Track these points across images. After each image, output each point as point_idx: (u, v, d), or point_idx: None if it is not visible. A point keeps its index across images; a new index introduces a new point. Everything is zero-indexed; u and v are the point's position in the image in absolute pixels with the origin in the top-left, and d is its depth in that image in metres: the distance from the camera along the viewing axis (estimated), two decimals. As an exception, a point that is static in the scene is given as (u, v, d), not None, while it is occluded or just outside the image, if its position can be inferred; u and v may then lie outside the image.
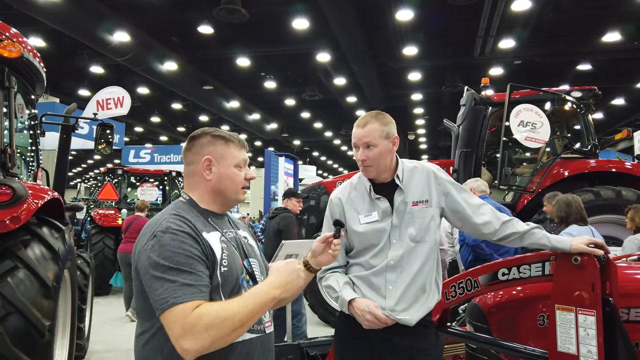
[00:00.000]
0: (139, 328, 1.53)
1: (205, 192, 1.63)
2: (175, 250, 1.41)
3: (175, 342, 1.35)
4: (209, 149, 1.62)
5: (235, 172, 1.64)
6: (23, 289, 2.60)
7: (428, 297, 2.11)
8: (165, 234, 1.44)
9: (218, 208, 1.65)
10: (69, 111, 4.76)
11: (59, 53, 13.19)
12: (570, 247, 2.02)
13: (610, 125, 20.99)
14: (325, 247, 1.77)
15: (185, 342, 1.33)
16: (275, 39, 12.92)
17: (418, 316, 2.07)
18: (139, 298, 1.51)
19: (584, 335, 1.98)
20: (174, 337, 1.35)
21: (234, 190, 1.64)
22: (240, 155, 1.66)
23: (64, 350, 3.65)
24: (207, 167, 1.60)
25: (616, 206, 5.72)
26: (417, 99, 18.23)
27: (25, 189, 2.77)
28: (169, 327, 1.36)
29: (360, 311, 1.97)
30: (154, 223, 1.50)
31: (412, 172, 2.19)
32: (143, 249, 1.45)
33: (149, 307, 1.44)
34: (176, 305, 1.35)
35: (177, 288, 1.37)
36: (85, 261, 5.33)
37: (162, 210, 1.58)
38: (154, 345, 1.47)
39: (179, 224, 1.47)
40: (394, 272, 2.07)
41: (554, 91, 6.65)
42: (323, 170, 38.45)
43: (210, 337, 1.34)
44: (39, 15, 9.86)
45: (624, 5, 10.47)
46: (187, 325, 1.33)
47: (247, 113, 20.24)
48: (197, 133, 1.67)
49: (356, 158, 2.14)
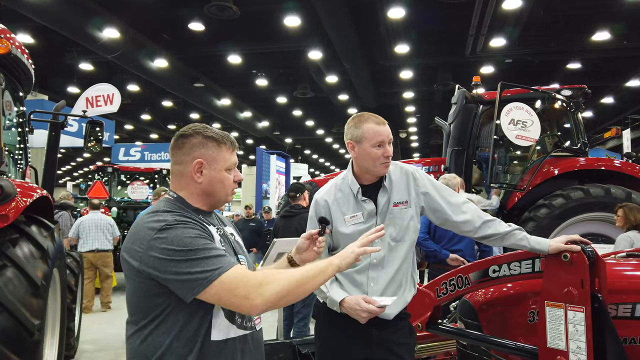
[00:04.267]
0: (133, 327, 1.51)
1: (194, 192, 1.60)
2: (192, 236, 1.43)
3: (242, 303, 1.38)
4: (200, 151, 1.58)
5: (226, 176, 1.62)
6: (12, 288, 2.57)
7: (405, 291, 2.21)
8: (174, 226, 1.43)
9: (207, 207, 1.64)
10: (57, 108, 4.71)
11: (48, 50, 13.03)
12: (549, 247, 2.09)
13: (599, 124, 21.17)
14: (310, 244, 1.81)
15: (255, 298, 1.37)
16: (266, 37, 12.87)
17: (396, 310, 2.16)
18: (135, 297, 1.50)
19: (574, 331, 2.00)
20: (240, 298, 1.38)
21: (223, 194, 1.63)
22: (231, 159, 1.63)
23: (53, 349, 3.62)
24: (198, 169, 1.58)
25: (605, 204, 5.77)
26: (409, 97, 18.27)
27: (13, 187, 2.74)
28: (228, 293, 1.38)
29: (354, 310, 2.00)
30: (153, 220, 1.47)
31: (393, 173, 2.23)
32: (150, 245, 1.41)
33: (148, 305, 1.45)
34: (224, 273, 1.38)
35: (215, 260, 1.40)
36: (75, 260, 5.29)
37: (149, 210, 1.54)
38: (154, 341, 1.46)
39: (181, 217, 1.48)
40: (376, 270, 2.16)
41: (545, 90, 6.70)
42: (315, 168, 38.45)
43: (276, 291, 1.39)
44: (28, 11, 9.74)
45: (613, 5, 10.56)
46: (251, 284, 1.38)
47: (238, 111, 20.16)
48: (188, 132, 1.61)
49: (378, 155, 2.11)
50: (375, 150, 2.11)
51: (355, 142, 2.16)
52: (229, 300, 1.40)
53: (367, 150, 2.13)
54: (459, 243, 4.55)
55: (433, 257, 4.65)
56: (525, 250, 2.19)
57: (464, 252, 4.55)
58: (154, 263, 1.41)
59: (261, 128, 23.47)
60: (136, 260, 1.44)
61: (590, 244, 2.09)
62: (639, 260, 2.69)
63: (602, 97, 16.89)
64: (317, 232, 1.81)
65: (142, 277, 1.44)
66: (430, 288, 2.64)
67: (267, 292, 1.38)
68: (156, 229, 1.43)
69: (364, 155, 2.14)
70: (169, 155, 1.67)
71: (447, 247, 4.56)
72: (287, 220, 5.28)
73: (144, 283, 1.45)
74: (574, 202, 5.87)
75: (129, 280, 1.50)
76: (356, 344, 2.14)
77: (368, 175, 2.20)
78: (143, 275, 1.44)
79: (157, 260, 1.40)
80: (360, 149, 2.14)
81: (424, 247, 4.66)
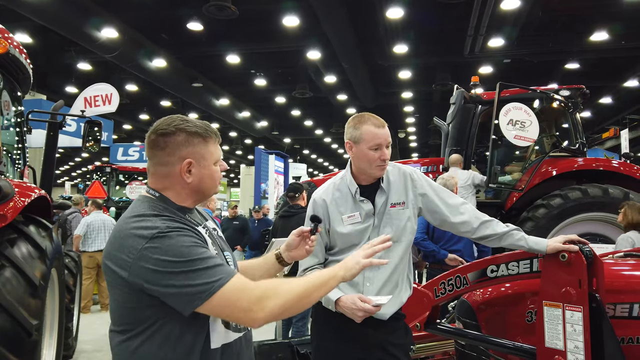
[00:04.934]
0: (119, 336, 1.42)
1: (181, 192, 1.51)
2: (187, 244, 1.34)
3: (244, 316, 1.35)
4: (187, 150, 1.47)
5: (215, 170, 1.54)
6: (10, 288, 2.57)
7: (400, 292, 2.22)
8: (167, 234, 1.34)
9: (192, 204, 1.55)
10: (56, 108, 4.71)
11: (46, 49, 13.01)
12: (547, 247, 2.10)
13: (597, 124, 21.21)
14: (301, 241, 1.80)
15: (257, 312, 1.34)
16: (265, 36, 12.87)
17: (391, 310, 2.16)
18: (123, 307, 1.41)
19: (571, 331, 2.01)
20: (241, 311, 1.33)
21: (213, 188, 1.56)
22: (218, 151, 1.56)
23: (51, 349, 3.62)
24: (188, 169, 1.48)
25: (603, 204, 5.79)
26: (408, 97, 18.27)
27: (11, 186, 2.73)
28: (230, 306, 1.33)
29: (350, 309, 2.00)
30: (142, 227, 1.36)
31: (391, 174, 2.24)
32: (141, 255, 1.31)
33: (138, 316, 1.38)
34: (225, 285, 1.32)
35: (213, 270, 1.33)
36: (73, 260, 5.28)
37: (131, 211, 1.44)
38: (147, 352, 1.38)
39: (173, 223, 1.39)
40: (372, 270, 2.16)
41: (543, 90, 6.70)
42: (314, 168, 38.43)
43: (278, 305, 1.36)
44: (26, 11, 9.72)
45: (612, 5, 10.58)
46: (253, 297, 1.34)
47: (237, 111, 20.14)
48: (169, 129, 1.47)
49: (375, 158, 2.11)
50: (372, 153, 2.12)
51: (353, 142, 2.17)
52: (230, 313, 1.35)
53: (364, 152, 2.13)
54: (458, 243, 4.56)
55: (432, 257, 4.65)
56: (523, 250, 2.20)
57: (462, 252, 4.56)
58: (147, 275, 1.31)
59: (260, 128, 23.45)
60: (124, 270, 1.34)
61: (588, 243, 2.10)
62: (636, 260, 2.69)
63: (600, 97, 16.91)
64: (309, 230, 1.80)
65: (131, 288, 1.35)
66: (428, 288, 2.64)
67: (269, 307, 1.35)
68: (147, 237, 1.33)
69: (361, 157, 2.15)
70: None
71: (446, 247, 4.56)
72: (285, 220, 5.30)
73: (133, 294, 1.35)
74: (572, 202, 5.88)
75: (115, 290, 1.40)
76: (352, 344, 2.14)
77: (365, 176, 2.20)
78: (133, 287, 1.34)
79: (151, 273, 1.31)
80: (358, 150, 2.15)
81: (422, 247, 4.66)
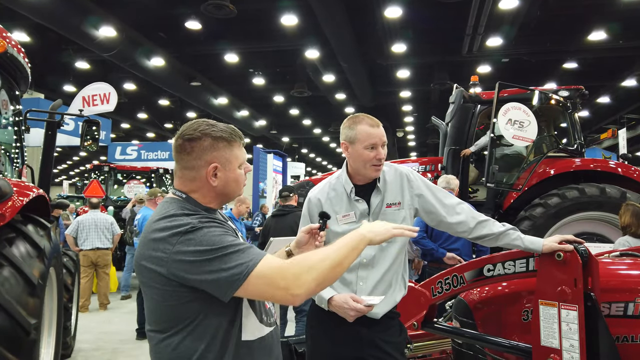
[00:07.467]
0: (159, 335, 1.47)
1: (207, 194, 1.56)
2: (219, 234, 1.40)
3: (285, 294, 1.36)
4: (212, 154, 1.52)
5: (240, 173, 1.58)
6: (8, 287, 2.57)
7: (394, 292, 2.23)
8: (200, 227, 1.40)
9: (217, 205, 1.61)
10: (54, 107, 4.70)
11: (44, 48, 12.98)
12: (543, 246, 2.11)
13: (595, 123, 21.26)
14: (310, 238, 1.81)
15: (295, 288, 1.35)
16: (263, 35, 12.87)
17: (384, 310, 2.17)
18: (164, 306, 1.44)
19: (567, 330, 2.02)
20: (280, 289, 1.36)
21: (238, 190, 1.61)
22: (243, 154, 1.60)
23: (50, 348, 3.62)
24: (214, 174, 1.52)
25: (600, 203, 5.80)
26: (406, 96, 18.29)
27: (10, 186, 2.74)
28: (268, 286, 1.36)
29: (342, 308, 2.02)
30: (174, 225, 1.41)
31: (387, 174, 2.24)
32: (177, 250, 1.37)
33: (180, 312, 1.42)
34: (259, 263, 1.36)
35: (247, 253, 1.38)
36: (71, 259, 5.29)
37: (159, 213, 1.49)
38: (188, 348, 1.43)
39: (203, 218, 1.45)
40: (365, 270, 2.18)
41: (542, 90, 6.72)
42: (312, 167, 38.45)
43: (314, 278, 1.37)
44: (23, 9, 9.70)
45: (609, 5, 10.60)
46: (289, 274, 1.36)
47: (235, 109, 20.14)
48: (195, 135, 1.52)
49: (370, 157, 2.12)
50: (367, 152, 2.13)
51: (348, 142, 2.18)
52: (270, 293, 1.38)
53: (360, 152, 2.14)
54: (456, 242, 4.57)
55: (430, 256, 4.66)
56: (519, 249, 2.21)
57: (460, 250, 4.57)
58: (185, 267, 1.36)
59: (258, 127, 23.44)
60: (162, 267, 1.39)
61: (583, 243, 2.11)
62: (632, 260, 2.71)
63: (598, 96, 16.94)
64: (318, 226, 1.82)
65: (171, 285, 1.39)
66: (425, 287, 2.66)
67: (307, 282, 1.37)
68: (182, 232, 1.39)
69: (357, 157, 2.15)
70: (165, 154, 1.63)
71: (444, 245, 4.58)
72: (278, 220, 5.38)
73: (175, 291, 1.40)
74: (569, 201, 5.90)
75: (154, 290, 1.44)
76: (346, 343, 2.15)
77: (360, 176, 2.21)
78: (173, 283, 1.39)
79: (188, 264, 1.36)
80: (354, 150, 2.16)
81: (421, 246, 4.68)
